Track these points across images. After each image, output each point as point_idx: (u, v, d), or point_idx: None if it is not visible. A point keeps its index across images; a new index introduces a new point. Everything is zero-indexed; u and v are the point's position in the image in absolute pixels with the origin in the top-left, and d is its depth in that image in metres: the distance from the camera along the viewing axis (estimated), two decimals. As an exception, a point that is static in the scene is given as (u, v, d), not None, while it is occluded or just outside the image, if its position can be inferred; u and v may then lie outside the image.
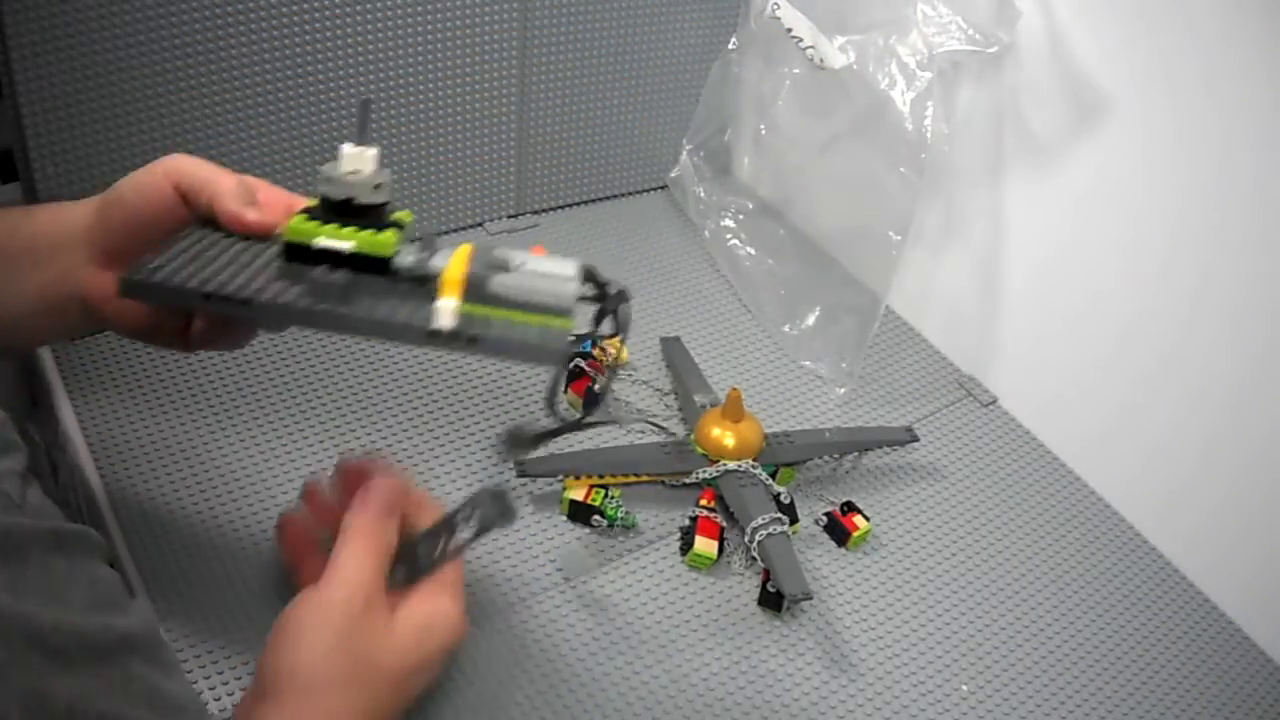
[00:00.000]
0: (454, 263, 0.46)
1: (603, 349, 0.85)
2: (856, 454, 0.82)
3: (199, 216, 0.50)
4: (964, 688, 0.69)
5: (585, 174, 1.02)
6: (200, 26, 0.75)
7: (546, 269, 0.47)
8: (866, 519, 0.77)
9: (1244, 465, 0.76)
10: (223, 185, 0.49)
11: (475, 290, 0.45)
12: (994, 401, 0.92)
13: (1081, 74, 0.79)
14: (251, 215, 0.49)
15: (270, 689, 0.46)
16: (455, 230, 0.97)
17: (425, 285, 0.46)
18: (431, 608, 0.51)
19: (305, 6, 0.79)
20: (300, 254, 0.46)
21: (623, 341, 0.50)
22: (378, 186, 0.46)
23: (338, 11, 0.81)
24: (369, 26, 0.83)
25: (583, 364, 0.82)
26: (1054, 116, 0.82)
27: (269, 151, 0.84)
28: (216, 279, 0.45)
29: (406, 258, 0.46)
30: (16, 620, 0.39)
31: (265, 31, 0.78)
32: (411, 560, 0.52)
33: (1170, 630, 0.77)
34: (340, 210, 0.46)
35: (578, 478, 0.74)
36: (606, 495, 0.74)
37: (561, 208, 1.03)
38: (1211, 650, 0.76)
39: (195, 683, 0.60)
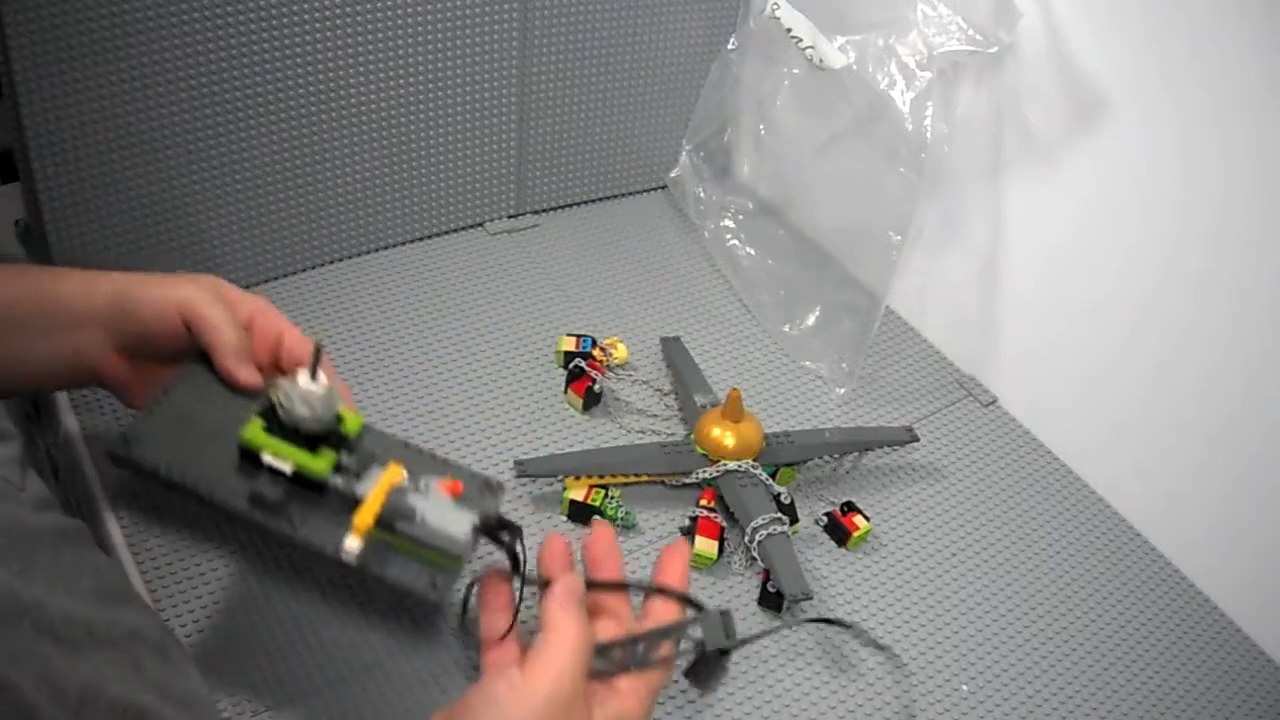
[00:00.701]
0: (370, 499, 0.51)
1: (603, 349, 0.85)
2: (856, 454, 0.82)
3: (200, 351, 0.56)
4: (964, 688, 0.69)
5: (585, 174, 1.02)
6: (201, 26, 0.75)
7: (443, 522, 0.51)
8: (866, 519, 0.77)
9: (1244, 465, 0.77)
10: (222, 339, 0.55)
11: (385, 523, 0.51)
12: (994, 401, 0.92)
13: (1081, 74, 0.79)
14: (243, 375, 0.55)
15: None
16: (455, 230, 0.97)
17: (352, 506, 0.51)
18: (629, 707, 0.50)
19: (305, 7, 0.79)
20: (253, 457, 0.52)
21: (524, 580, 0.54)
22: (321, 419, 0.52)
23: (338, 12, 0.81)
24: (369, 26, 0.83)
25: (583, 364, 0.83)
26: (1054, 116, 0.82)
27: (268, 150, 0.84)
28: (181, 463, 0.52)
29: (336, 481, 0.52)
30: (27, 608, 0.39)
31: (266, 31, 0.78)
32: (615, 656, 0.53)
33: (1170, 630, 0.77)
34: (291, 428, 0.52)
35: (578, 478, 0.74)
36: (606, 495, 0.74)
37: (561, 208, 1.03)
38: (1211, 650, 0.76)
39: (196, 683, 0.60)
